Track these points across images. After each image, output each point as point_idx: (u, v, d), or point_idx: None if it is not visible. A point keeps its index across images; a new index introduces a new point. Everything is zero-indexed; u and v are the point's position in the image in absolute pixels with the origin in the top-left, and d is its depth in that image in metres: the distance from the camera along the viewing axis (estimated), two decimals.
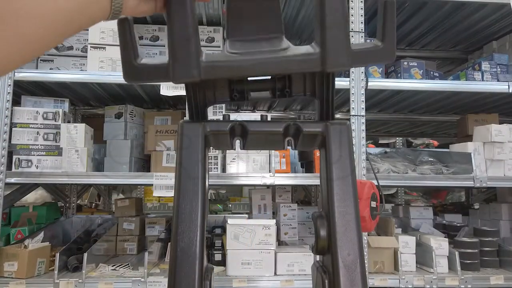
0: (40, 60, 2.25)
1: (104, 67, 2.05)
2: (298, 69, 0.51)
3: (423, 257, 2.10)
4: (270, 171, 2.02)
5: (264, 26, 0.54)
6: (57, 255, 1.91)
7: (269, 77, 0.56)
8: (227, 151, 2.07)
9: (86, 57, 2.09)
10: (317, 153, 2.13)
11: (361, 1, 2.03)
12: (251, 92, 0.57)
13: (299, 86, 0.57)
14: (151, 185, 1.96)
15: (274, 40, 0.53)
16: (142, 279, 1.87)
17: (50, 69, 2.23)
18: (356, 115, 2.00)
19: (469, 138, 2.38)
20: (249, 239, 1.94)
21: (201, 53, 0.51)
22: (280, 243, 2.27)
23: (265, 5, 0.54)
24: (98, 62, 2.05)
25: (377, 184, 1.75)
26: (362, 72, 2.02)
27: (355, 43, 2.09)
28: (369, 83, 2.02)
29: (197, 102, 0.57)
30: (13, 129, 1.99)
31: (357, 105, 2.01)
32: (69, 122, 2.14)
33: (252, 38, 0.53)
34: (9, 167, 1.96)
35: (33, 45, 0.44)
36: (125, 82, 1.95)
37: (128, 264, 2.15)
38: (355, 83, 2.01)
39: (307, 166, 2.38)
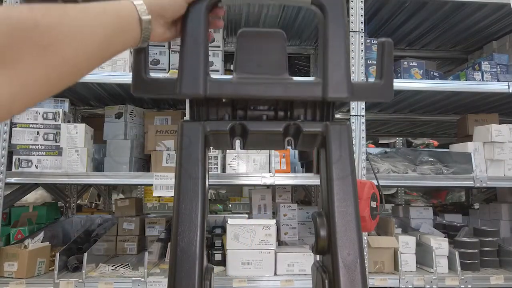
0: None
1: (104, 67, 2.05)
2: (300, 93, 0.54)
3: (423, 257, 2.10)
4: (270, 171, 2.02)
5: (270, 63, 0.57)
6: (57, 255, 1.91)
7: (272, 108, 0.58)
8: (227, 151, 2.07)
9: None
10: None
11: (361, 1, 2.03)
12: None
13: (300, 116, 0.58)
14: (151, 185, 1.96)
15: (279, 74, 0.56)
16: (142, 279, 1.87)
17: None
18: (356, 115, 2.00)
19: (469, 138, 2.38)
20: (249, 239, 1.94)
21: (209, 75, 0.54)
22: (280, 243, 2.27)
23: (272, 48, 0.58)
24: None
25: (377, 184, 1.75)
26: (362, 72, 2.02)
27: (355, 42, 2.08)
28: None
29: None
30: (13, 129, 1.99)
31: (357, 105, 2.01)
32: (69, 122, 2.14)
33: (258, 71, 0.56)
34: (9, 167, 1.96)
35: (73, 71, 0.49)
36: (125, 82, 1.94)
37: (128, 264, 2.15)
38: None
39: (307, 166, 2.38)
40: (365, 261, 1.93)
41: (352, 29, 2.02)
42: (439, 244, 2.08)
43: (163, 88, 0.56)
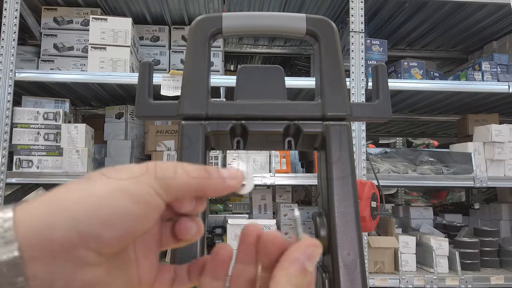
0: (41, 60, 2.26)
1: (104, 68, 2.05)
2: (300, 112, 0.55)
3: (423, 257, 2.10)
4: (270, 171, 2.02)
5: (269, 91, 0.59)
6: None
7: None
8: (228, 151, 2.08)
9: (87, 57, 2.09)
10: None
11: (361, 1, 2.04)
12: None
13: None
14: None
15: (279, 100, 0.59)
16: None
17: (51, 69, 2.24)
18: None
19: (469, 138, 2.38)
20: None
21: (210, 98, 0.56)
22: None
23: (271, 77, 0.60)
24: (98, 62, 2.05)
25: (377, 184, 1.75)
26: (362, 72, 2.02)
27: (355, 42, 2.08)
28: (369, 83, 2.02)
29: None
30: (14, 129, 2.00)
31: None
32: (69, 122, 2.15)
33: (258, 97, 0.59)
34: (9, 167, 1.97)
35: None
36: (126, 82, 1.94)
37: None
38: (355, 83, 2.01)
39: (307, 166, 2.38)
40: (365, 261, 1.94)
41: (352, 29, 2.02)
42: (439, 244, 2.08)
43: (166, 110, 0.58)
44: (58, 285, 0.25)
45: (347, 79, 2.03)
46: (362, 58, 2.02)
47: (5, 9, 1.94)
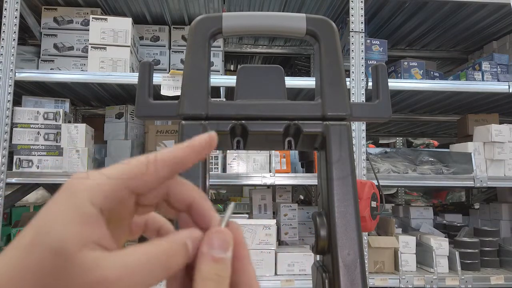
0: (41, 60, 2.26)
1: (104, 67, 2.05)
2: (300, 112, 0.56)
3: (424, 257, 2.10)
4: (270, 171, 2.02)
5: (269, 91, 0.59)
6: None
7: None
8: (228, 151, 2.08)
9: (87, 57, 2.09)
10: None
11: (361, 1, 2.04)
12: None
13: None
14: None
15: (279, 100, 0.59)
16: None
17: (51, 69, 2.24)
18: None
19: (469, 138, 2.38)
20: (249, 239, 1.95)
21: (210, 98, 0.56)
22: (280, 243, 2.27)
23: (271, 77, 0.61)
24: (98, 62, 2.05)
25: (377, 184, 1.75)
26: (362, 72, 2.02)
27: (355, 42, 2.08)
28: (369, 83, 2.02)
29: None
30: (14, 129, 2.00)
31: None
32: (69, 122, 2.15)
33: (258, 97, 0.59)
34: (9, 167, 1.97)
35: None
36: (126, 82, 1.94)
37: None
38: (355, 83, 2.01)
39: (307, 166, 2.38)
40: (365, 261, 1.94)
41: (352, 29, 2.02)
42: (439, 244, 2.08)
43: (166, 110, 0.58)
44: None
45: (347, 79, 2.03)
46: (362, 58, 2.02)
47: (5, 9, 1.94)
